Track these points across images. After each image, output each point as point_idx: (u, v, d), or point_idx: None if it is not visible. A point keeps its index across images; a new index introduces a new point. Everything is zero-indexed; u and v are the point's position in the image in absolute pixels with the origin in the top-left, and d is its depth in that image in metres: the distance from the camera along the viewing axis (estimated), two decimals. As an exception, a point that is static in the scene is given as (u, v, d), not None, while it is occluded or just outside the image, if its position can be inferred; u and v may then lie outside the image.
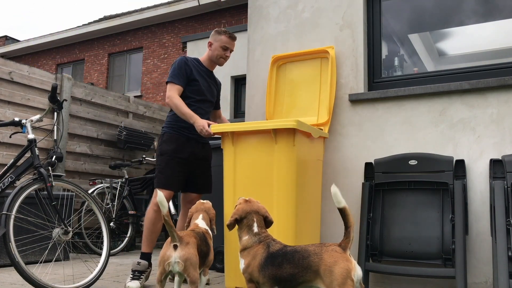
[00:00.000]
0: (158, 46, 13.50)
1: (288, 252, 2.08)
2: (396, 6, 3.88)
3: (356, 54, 3.66)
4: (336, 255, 1.95)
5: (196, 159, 3.40)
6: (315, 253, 2.00)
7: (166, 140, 3.36)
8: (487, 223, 3.04)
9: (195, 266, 2.34)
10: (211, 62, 3.56)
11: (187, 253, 2.33)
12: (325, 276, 1.93)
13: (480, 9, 3.60)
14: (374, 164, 3.33)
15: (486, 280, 3.00)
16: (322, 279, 1.94)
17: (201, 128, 3.14)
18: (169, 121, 3.43)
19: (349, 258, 1.96)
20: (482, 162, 3.12)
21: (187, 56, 3.51)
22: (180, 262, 2.31)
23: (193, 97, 3.39)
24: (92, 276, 3.14)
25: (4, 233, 2.75)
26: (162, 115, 7.18)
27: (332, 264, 1.93)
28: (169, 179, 3.28)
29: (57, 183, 3.19)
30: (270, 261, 2.10)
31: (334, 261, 1.93)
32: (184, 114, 3.24)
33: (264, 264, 2.11)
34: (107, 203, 5.34)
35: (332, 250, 1.97)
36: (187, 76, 3.38)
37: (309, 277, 1.99)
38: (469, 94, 3.22)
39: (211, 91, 3.54)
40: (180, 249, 2.33)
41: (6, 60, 5.11)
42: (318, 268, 1.96)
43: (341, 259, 1.93)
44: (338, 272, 1.90)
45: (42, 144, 5.17)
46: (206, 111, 3.48)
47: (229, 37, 3.50)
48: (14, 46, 16.15)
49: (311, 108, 3.67)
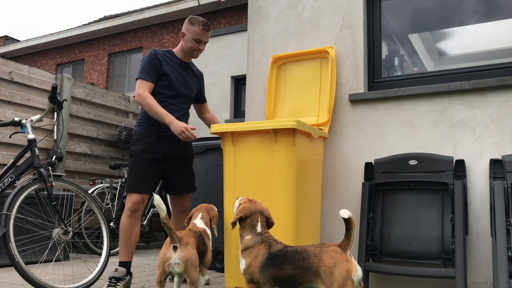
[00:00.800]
0: (158, 46, 13.50)
1: (288, 252, 2.08)
2: (396, 6, 3.88)
3: (356, 54, 3.66)
4: (336, 256, 1.95)
5: (173, 158, 3.18)
6: (315, 254, 2.00)
7: (135, 140, 3.16)
8: (487, 223, 3.04)
9: (195, 267, 2.36)
10: (185, 54, 3.27)
11: (187, 254, 2.34)
12: (325, 277, 1.94)
13: (480, 9, 3.60)
14: (374, 164, 3.33)
15: (486, 280, 3.00)
16: (323, 280, 1.95)
17: (180, 132, 2.93)
18: (139, 119, 3.21)
19: (350, 258, 1.96)
20: (482, 162, 3.12)
21: (157, 49, 3.24)
22: (180, 264, 2.32)
23: (164, 92, 3.14)
24: (92, 276, 3.14)
25: (4, 233, 2.75)
26: (162, 115, 7.17)
27: (332, 265, 1.93)
28: (137, 182, 3.05)
29: (57, 183, 3.19)
30: (271, 261, 2.10)
31: (334, 262, 1.93)
32: (156, 114, 3.01)
33: (265, 264, 2.11)
34: (107, 203, 5.34)
35: (332, 251, 1.97)
36: (158, 70, 3.12)
37: (309, 278, 1.99)
38: (469, 94, 3.22)
39: (186, 84, 3.26)
40: (180, 250, 2.33)
41: (6, 60, 5.11)
42: (318, 269, 1.97)
43: (341, 260, 1.93)
44: (338, 273, 1.91)
45: (42, 144, 5.17)
46: (181, 107, 3.23)
47: (203, 28, 3.17)
48: (14, 46, 16.14)
49: (311, 108, 3.67)
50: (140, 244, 6.00)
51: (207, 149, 4.15)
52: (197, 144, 4.15)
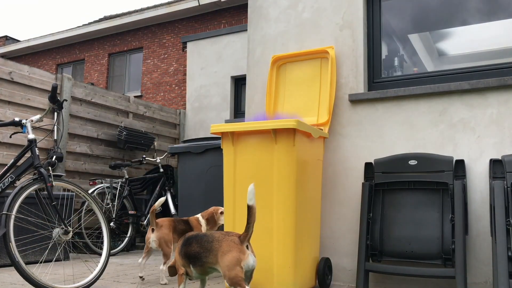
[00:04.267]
0: (158, 46, 13.51)
1: (199, 235, 2.45)
2: (396, 6, 3.88)
3: (356, 54, 3.66)
4: (232, 245, 2.25)
5: None
6: (217, 240, 2.32)
7: None
8: (487, 223, 3.04)
9: (166, 243, 3.26)
10: None
11: (160, 233, 3.27)
12: (221, 260, 2.26)
13: (480, 9, 3.60)
14: (374, 164, 3.33)
15: (486, 280, 3.01)
16: (219, 263, 2.27)
17: None
18: None
19: (243, 249, 2.24)
20: (482, 162, 3.12)
21: None
22: (156, 240, 3.27)
23: None
24: (92, 276, 3.14)
25: (4, 233, 2.76)
26: (162, 115, 7.18)
27: (226, 252, 2.25)
28: None
29: (57, 183, 3.19)
30: (185, 243, 2.50)
31: (229, 250, 2.24)
32: None
33: (181, 246, 2.51)
34: (107, 203, 5.34)
35: (231, 240, 2.27)
36: None
37: (211, 259, 2.32)
38: (469, 94, 3.22)
39: None
40: (156, 231, 3.29)
41: (6, 60, 5.11)
42: (217, 252, 2.29)
43: (235, 248, 2.24)
44: (229, 259, 2.23)
45: (42, 144, 5.18)
46: None
47: None
48: (14, 46, 16.15)
49: (311, 108, 3.67)
50: (141, 244, 6.01)
51: (207, 149, 4.15)
52: (197, 144, 4.16)
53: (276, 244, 2.82)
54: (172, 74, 13.09)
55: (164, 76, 13.19)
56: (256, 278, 2.85)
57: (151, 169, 6.21)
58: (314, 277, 3.14)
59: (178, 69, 13.00)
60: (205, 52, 8.14)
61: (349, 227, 3.47)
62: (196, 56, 8.20)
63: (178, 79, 12.93)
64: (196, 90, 7.96)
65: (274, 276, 2.81)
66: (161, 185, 5.90)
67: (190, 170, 4.31)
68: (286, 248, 2.80)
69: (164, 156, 6.21)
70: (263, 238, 2.86)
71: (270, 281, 2.82)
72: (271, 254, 2.83)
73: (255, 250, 2.87)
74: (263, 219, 2.86)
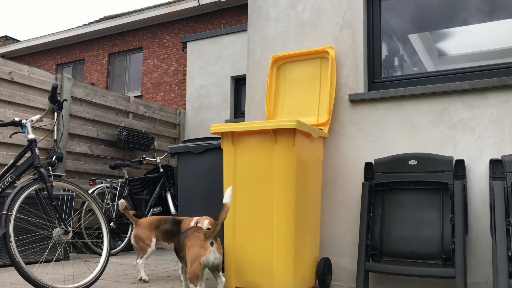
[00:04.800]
0: (158, 46, 13.51)
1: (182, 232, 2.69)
2: (396, 6, 3.88)
3: (356, 54, 3.66)
4: (196, 240, 2.42)
5: None
6: (187, 235, 2.52)
7: None
8: (487, 223, 3.04)
9: (141, 239, 3.43)
10: None
11: (136, 232, 3.46)
12: (186, 255, 2.45)
13: (481, 9, 3.60)
14: (374, 164, 3.33)
15: (486, 280, 3.01)
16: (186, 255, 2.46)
17: None
18: None
19: (205, 245, 2.39)
20: (482, 162, 3.12)
21: None
22: (132, 238, 3.49)
23: None
24: (92, 276, 3.14)
25: (4, 233, 2.75)
26: (162, 115, 7.18)
27: (190, 247, 2.43)
28: None
29: (57, 183, 3.19)
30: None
31: (192, 245, 2.42)
32: None
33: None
34: (107, 203, 5.34)
35: (197, 237, 2.44)
36: None
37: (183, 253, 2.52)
38: (469, 94, 3.23)
39: None
40: (134, 229, 3.50)
41: (6, 60, 5.11)
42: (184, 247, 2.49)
43: (198, 244, 2.40)
44: (190, 254, 2.41)
45: (42, 144, 5.18)
46: None
47: None
48: (14, 46, 16.15)
49: (311, 108, 3.67)
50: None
51: (207, 149, 4.15)
52: (197, 144, 4.16)
53: (276, 244, 2.82)
54: (172, 74, 13.09)
55: (164, 76, 13.19)
56: (256, 278, 2.85)
57: (151, 169, 6.21)
58: (314, 277, 3.14)
59: (178, 69, 13.00)
60: (205, 52, 8.14)
61: (349, 227, 3.47)
62: (196, 56, 8.20)
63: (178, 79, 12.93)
64: (196, 90, 7.96)
65: (274, 276, 2.81)
66: (161, 185, 5.90)
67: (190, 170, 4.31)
68: (286, 248, 2.80)
69: (164, 156, 6.21)
70: (263, 238, 2.86)
71: (270, 281, 2.82)
72: (271, 254, 2.83)
73: (255, 250, 2.88)
74: (263, 219, 2.86)
